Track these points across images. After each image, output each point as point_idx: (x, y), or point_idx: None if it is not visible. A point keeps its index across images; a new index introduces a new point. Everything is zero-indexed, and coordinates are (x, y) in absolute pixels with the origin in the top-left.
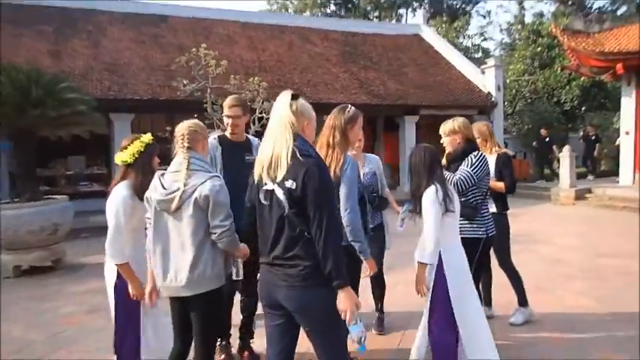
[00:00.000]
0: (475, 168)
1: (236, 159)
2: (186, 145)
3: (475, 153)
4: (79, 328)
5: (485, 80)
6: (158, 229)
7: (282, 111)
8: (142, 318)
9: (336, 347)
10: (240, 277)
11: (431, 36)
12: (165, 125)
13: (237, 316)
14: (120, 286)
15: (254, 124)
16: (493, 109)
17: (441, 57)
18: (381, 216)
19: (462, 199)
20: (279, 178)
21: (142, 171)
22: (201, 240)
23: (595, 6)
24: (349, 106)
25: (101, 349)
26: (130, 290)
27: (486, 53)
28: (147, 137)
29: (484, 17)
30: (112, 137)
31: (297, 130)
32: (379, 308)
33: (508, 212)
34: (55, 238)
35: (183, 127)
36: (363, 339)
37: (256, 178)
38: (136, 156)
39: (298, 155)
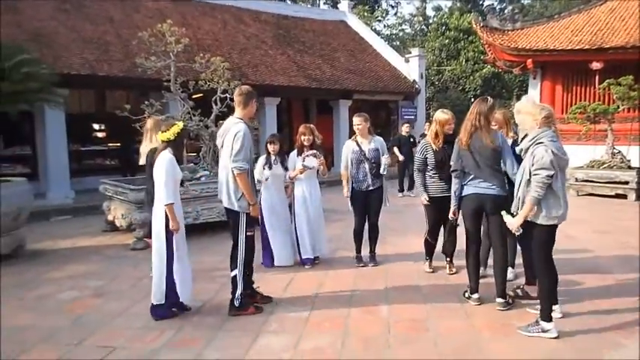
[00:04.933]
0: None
1: (252, 142)
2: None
3: None
4: (95, 313)
5: (410, 68)
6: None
7: None
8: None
9: None
10: None
11: (356, 23)
12: (99, 102)
13: None
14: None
15: (216, 104)
16: (417, 96)
17: (367, 44)
18: (380, 180)
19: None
20: None
21: (179, 145)
22: None
23: (486, 3)
24: (488, 97)
25: (138, 329)
26: (171, 225)
27: (403, 42)
28: (181, 123)
29: (392, 7)
30: (42, 114)
31: None
32: (373, 249)
33: None
34: (17, 224)
35: (552, 111)
36: None
37: None
38: (176, 135)
39: None
